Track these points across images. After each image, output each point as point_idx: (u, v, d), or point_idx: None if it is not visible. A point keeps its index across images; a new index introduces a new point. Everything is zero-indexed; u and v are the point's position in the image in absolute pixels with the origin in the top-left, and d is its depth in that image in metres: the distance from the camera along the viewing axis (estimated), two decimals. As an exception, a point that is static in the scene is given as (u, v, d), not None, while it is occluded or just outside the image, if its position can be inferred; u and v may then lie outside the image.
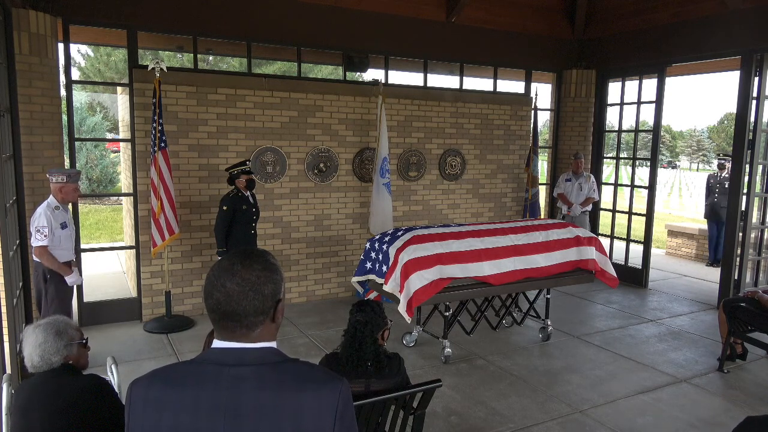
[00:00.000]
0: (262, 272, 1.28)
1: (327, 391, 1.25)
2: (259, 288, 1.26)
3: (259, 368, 1.25)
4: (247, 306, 1.25)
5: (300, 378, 1.26)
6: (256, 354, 1.27)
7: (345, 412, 1.25)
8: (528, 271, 5.11)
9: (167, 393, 1.25)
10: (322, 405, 1.23)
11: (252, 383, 1.23)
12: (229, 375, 1.24)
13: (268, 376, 1.24)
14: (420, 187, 7.43)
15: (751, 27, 6.27)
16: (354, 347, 2.76)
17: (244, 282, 1.26)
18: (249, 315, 1.26)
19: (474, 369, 4.89)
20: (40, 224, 4.29)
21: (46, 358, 2.25)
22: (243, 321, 1.26)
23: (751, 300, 4.87)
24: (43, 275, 4.41)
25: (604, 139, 8.50)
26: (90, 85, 20.86)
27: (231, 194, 5.41)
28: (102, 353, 4.45)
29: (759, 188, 6.72)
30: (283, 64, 16.72)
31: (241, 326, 1.27)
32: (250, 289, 1.26)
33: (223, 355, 1.27)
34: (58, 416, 2.13)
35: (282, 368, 1.27)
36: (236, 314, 1.26)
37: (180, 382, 1.26)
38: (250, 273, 1.27)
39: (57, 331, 2.29)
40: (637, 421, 4.03)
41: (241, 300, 1.25)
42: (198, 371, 1.27)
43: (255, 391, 1.22)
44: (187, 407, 1.23)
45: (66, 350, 2.29)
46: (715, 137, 74.30)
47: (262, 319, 1.28)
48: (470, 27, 7.52)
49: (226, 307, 1.26)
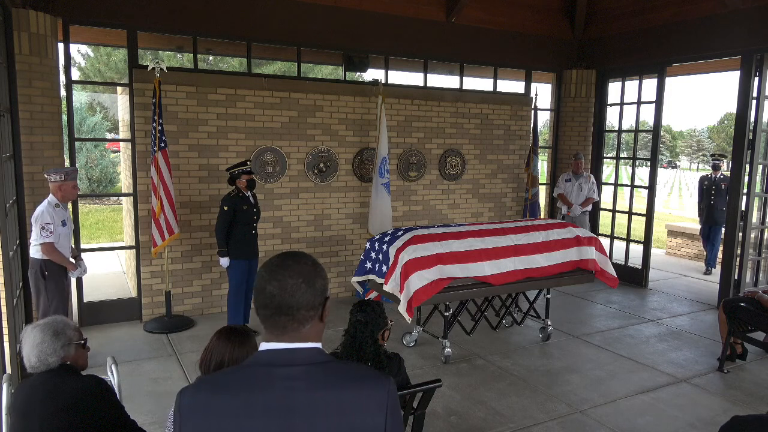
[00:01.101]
0: (312, 267, 1.32)
1: (377, 388, 1.26)
2: (311, 281, 1.29)
3: (309, 368, 1.26)
4: (301, 298, 1.27)
5: (350, 377, 1.28)
6: (305, 354, 1.28)
7: (395, 409, 1.27)
8: (528, 271, 5.11)
9: (217, 399, 1.24)
10: (374, 402, 1.25)
11: (304, 383, 1.23)
12: (280, 376, 1.24)
13: (318, 375, 1.25)
14: (420, 187, 7.43)
15: (751, 27, 6.28)
16: (354, 347, 2.77)
17: (297, 275, 1.28)
18: (302, 308, 1.27)
19: (474, 369, 4.89)
20: (45, 221, 4.35)
21: (43, 359, 2.24)
22: (296, 315, 1.27)
23: (751, 300, 4.87)
24: (42, 272, 4.44)
25: (604, 139, 8.50)
26: (90, 85, 20.86)
27: (231, 194, 5.40)
28: (102, 353, 4.45)
29: (759, 188, 6.72)
30: (283, 64, 16.72)
31: (294, 320, 1.28)
32: (303, 281, 1.28)
33: (273, 356, 1.27)
34: (57, 417, 2.12)
35: (331, 367, 1.28)
36: (290, 307, 1.27)
37: (230, 387, 1.26)
38: (303, 267, 1.30)
39: (55, 331, 2.28)
40: (637, 421, 4.03)
41: (295, 291, 1.27)
42: (247, 375, 1.26)
43: (308, 390, 1.23)
44: (240, 412, 1.22)
45: (63, 351, 2.27)
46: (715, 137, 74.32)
47: (313, 314, 1.30)
48: (470, 27, 7.52)
49: (280, 299, 1.27)
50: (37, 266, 4.46)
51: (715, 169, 8.56)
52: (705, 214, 8.61)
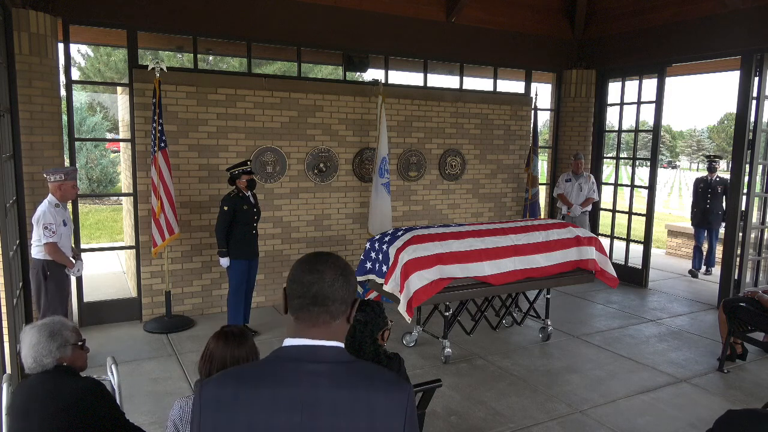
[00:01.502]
0: (345, 265, 1.35)
1: (397, 392, 1.27)
2: (348, 276, 1.33)
3: (333, 366, 1.27)
4: (337, 290, 1.29)
5: (372, 378, 1.29)
6: (330, 351, 1.29)
7: (412, 414, 1.28)
8: (528, 271, 5.11)
9: (241, 392, 1.25)
10: (393, 406, 1.25)
11: (327, 380, 1.25)
12: (306, 371, 1.25)
13: (342, 374, 1.26)
14: (420, 187, 7.42)
15: (751, 27, 6.28)
16: (353, 347, 2.77)
17: (336, 267, 1.31)
18: (337, 301, 1.29)
19: (474, 369, 4.89)
20: (47, 222, 4.37)
21: (38, 360, 2.22)
22: (330, 307, 1.29)
23: (751, 300, 4.87)
24: (43, 272, 4.45)
25: (604, 139, 8.50)
26: (90, 85, 20.86)
27: (232, 194, 5.40)
28: (102, 353, 4.45)
29: (759, 188, 6.72)
30: (283, 64, 16.72)
31: (327, 312, 1.29)
32: (341, 275, 1.31)
33: (299, 352, 1.29)
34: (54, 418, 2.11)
35: (354, 367, 1.30)
36: (326, 297, 1.28)
37: (254, 380, 1.26)
38: (340, 262, 1.34)
39: (51, 332, 2.26)
40: (637, 421, 4.03)
41: (333, 282, 1.29)
42: (272, 369, 1.28)
43: (331, 388, 1.24)
44: (265, 405, 1.23)
45: (59, 352, 2.25)
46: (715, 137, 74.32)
47: (344, 310, 1.32)
48: (470, 27, 7.52)
49: (317, 289, 1.28)
50: (39, 266, 4.47)
51: (711, 171, 8.28)
52: (699, 216, 8.35)
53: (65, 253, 4.55)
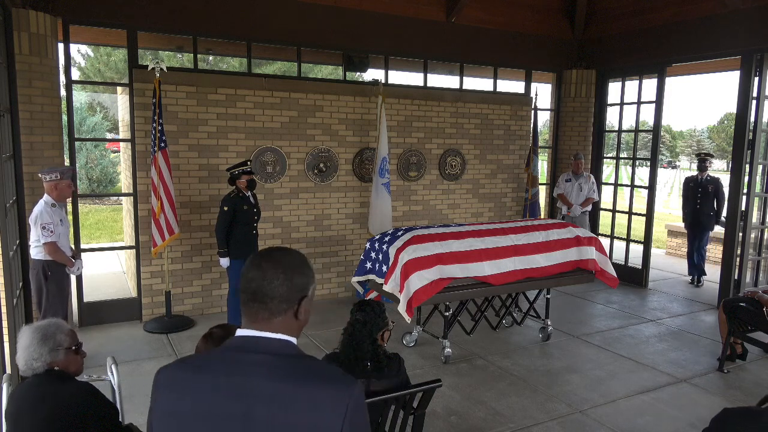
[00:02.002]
0: (298, 264, 1.34)
1: (338, 390, 1.25)
2: (290, 274, 1.31)
3: (276, 358, 1.28)
4: (276, 288, 1.30)
5: (313, 373, 1.28)
6: (274, 344, 1.30)
7: (355, 416, 1.25)
8: (528, 271, 5.11)
9: (189, 377, 1.29)
10: (332, 403, 1.24)
11: (269, 371, 1.26)
12: (247, 361, 1.27)
13: (283, 367, 1.27)
14: (420, 187, 7.42)
15: (751, 27, 6.28)
16: (352, 346, 2.77)
17: (278, 264, 1.31)
18: (275, 299, 1.30)
19: (474, 369, 4.89)
20: (45, 221, 4.37)
21: (29, 363, 2.19)
22: (268, 304, 1.30)
23: (751, 300, 4.87)
24: (44, 272, 4.45)
25: (604, 139, 8.50)
26: (90, 85, 20.86)
27: (232, 194, 5.40)
28: (102, 353, 4.46)
29: (759, 188, 6.72)
30: (283, 64, 16.72)
31: (265, 309, 1.31)
32: (282, 272, 1.31)
33: (244, 342, 1.31)
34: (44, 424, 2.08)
35: (298, 362, 1.30)
36: (264, 295, 1.30)
37: (202, 367, 1.30)
38: (287, 260, 1.33)
39: (43, 335, 2.22)
40: (637, 421, 4.03)
41: (272, 280, 1.30)
42: (219, 357, 1.31)
43: (270, 379, 1.25)
44: (206, 391, 1.26)
45: (50, 356, 2.21)
46: (715, 137, 74.29)
47: (285, 308, 1.31)
48: (470, 27, 7.52)
49: (257, 285, 1.30)
50: (39, 267, 4.46)
51: (702, 170, 7.77)
52: (690, 218, 7.88)
53: (64, 252, 4.55)
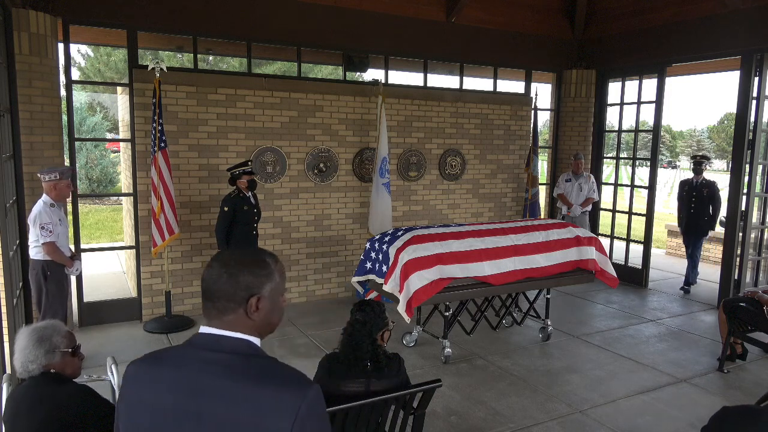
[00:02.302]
0: (246, 263, 1.34)
1: (290, 392, 1.23)
2: (235, 274, 1.31)
3: (230, 356, 1.28)
4: (221, 287, 1.31)
5: (266, 374, 1.26)
6: (230, 342, 1.30)
7: (307, 420, 1.22)
8: (528, 271, 5.11)
9: (150, 371, 1.32)
10: (281, 406, 1.21)
11: (220, 369, 1.26)
12: (198, 358, 1.29)
13: (236, 365, 1.27)
14: (420, 187, 7.42)
15: (751, 27, 6.28)
16: (351, 346, 2.77)
17: (225, 263, 1.33)
18: (221, 298, 1.32)
19: (474, 369, 4.89)
20: (44, 221, 4.37)
21: (24, 365, 2.18)
22: (215, 303, 1.32)
23: (751, 300, 4.87)
24: (43, 273, 4.45)
25: (604, 139, 8.50)
26: (90, 85, 20.86)
27: (232, 195, 5.39)
28: (102, 353, 4.46)
29: (759, 188, 6.72)
30: (283, 64, 16.72)
31: (213, 308, 1.33)
32: (226, 272, 1.32)
33: (201, 339, 1.33)
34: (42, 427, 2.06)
35: (252, 361, 1.29)
36: (211, 293, 1.33)
37: (162, 361, 1.33)
38: (234, 260, 1.34)
39: (39, 337, 2.19)
40: (637, 421, 4.03)
41: (216, 280, 1.32)
42: (179, 353, 1.33)
43: (221, 377, 1.25)
44: (164, 386, 1.29)
45: (46, 358, 2.19)
46: (715, 137, 74.27)
47: (233, 307, 1.32)
48: (470, 27, 7.52)
49: (205, 285, 1.34)
50: (39, 267, 4.46)
51: (697, 173, 7.44)
52: (685, 222, 7.55)
53: (63, 252, 4.55)
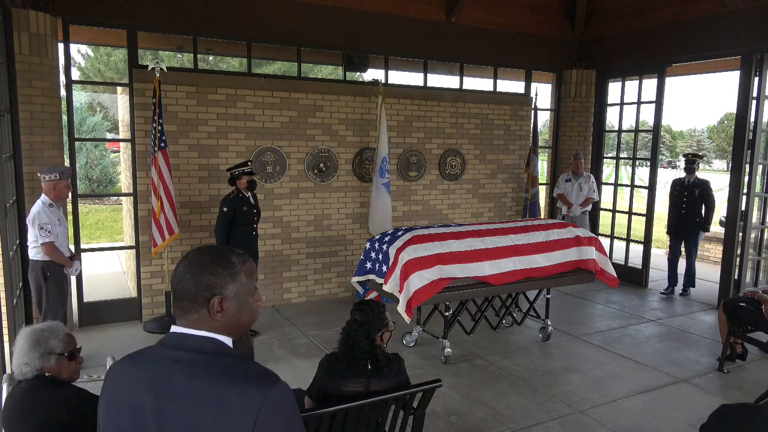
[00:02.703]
0: (208, 263, 1.33)
1: (252, 391, 1.21)
2: (196, 274, 1.32)
3: (196, 355, 1.29)
4: (184, 287, 1.32)
5: (230, 372, 1.26)
6: (196, 341, 1.31)
7: (271, 420, 1.20)
8: (528, 271, 5.11)
9: (125, 371, 1.35)
10: (244, 404, 1.20)
11: (185, 368, 1.26)
12: (166, 356, 1.30)
13: (201, 364, 1.27)
14: (420, 187, 7.42)
15: (751, 27, 6.28)
16: (348, 345, 2.77)
17: (188, 264, 1.34)
18: (184, 298, 1.33)
19: (474, 369, 4.89)
20: (43, 221, 4.37)
21: (19, 367, 2.16)
22: (180, 302, 1.34)
23: (751, 300, 4.86)
24: (43, 273, 4.45)
25: (604, 139, 8.50)
26: (90, 85, 20.87)
27: (231, 195, 5.38)
28: (102, 353, 4.46)
29: (759, 188, 6.72)
30: (283, 64, 16.72)
31: (179, 307, 1.34)
32: (188, 273, 1.33)
33: (171, 338, 1.34)
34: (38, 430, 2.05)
35: (217, 360, 1.29)
36: (176, 292, 1.34)
37: (137, 361, 1.35)
38: (197, 260, 1.34)
39: (35, 340, 2.17)
40: (637, 421, 4.03)
41: (180, 279, 1.33)
42: (151, 353, 1.35)
43: (186, 376, 1.25)
44: (132, 384, 1.31)
45: (41, 362, 2.16)
46: (715, 137, 74.23)
47: (196, 307, 1.32)
48: (470, 27, 7.51)
49: (173, 284, 1.35)
50: (39, 267, 4.46)
51: (689, 172, 7.17)
52: (674, 224, 7.29)
53: (62, 252, 4.55)
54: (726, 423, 1.87)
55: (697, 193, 7.10)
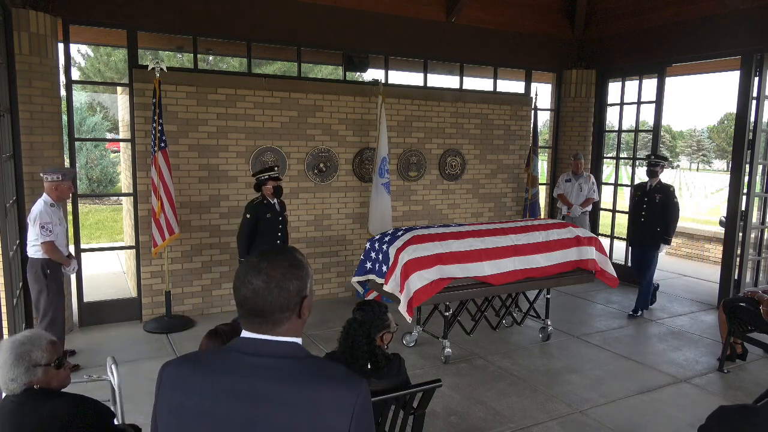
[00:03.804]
0: (288, 269, 1.30)
1: (345, 390, 1.25)
2: (284, 284, 1.28)
3: (279, 360, 1.27)
4: (273, 302, 1.28)
5: (319, 374, 1.27)
6: (279, 347, 1.29)
7: (363, 414, 1.25)
8: (528, 271, 5.11)
9: (193, 376, 1.29)
10: (339, 404, 1.23)
11: (271, 374, 1.25)
12: (248, 363, 1.27)
13: (288, 369, 1.26)
14: (420, 187, 7.42)
15: (751, 27, 6.28)
16: (346, 344, 2.77)
17: (269, 279, 1.28)
18: (275, 311, 1.29)
19: (474, 369, 4.89)
20: (44, 221, 4.38)
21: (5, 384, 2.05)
22: (269, 317, 1.29)
23: (751, 300, 4.86)
24: (43, 271, 4.46)
25: (604, 139, 8.50)
26: (90, 85, 20.87)
27: (255, 201, 5.15)
28: (102, 353, 4.46)
29: (759, 188, 6.72)
30: (283, 64, 16.72)
31: (267, 322, 1.29)
32: (275, 286, 1.28)
33: (247, 345, 1.30)
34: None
35: (303, 363, 1.29)
36: (262, 311, 1.28)
37: (206, 367, 1.31)
38: (276, 270, 1.29)
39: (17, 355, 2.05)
40: (637, 421, 4.03)
41: (266, 296, 1.27)
42: (223, 358, 1.31)
43: (273, 382, 1.24)
44: (208, 392, 1.27)
45: (26, 376, 2.05)
46: (715, 137, 74.27)
47: (288, 315, 1.30)
48: (470, 27, 7.52)
49: (252, 303, 1.28)
50: (38, 266, 4.47)
51: (651, 176, 6.32)
52: (632, 234, 6.61)
53: (61, 251, 4.57)
54: (724, 424, 1.87)
55: (657, 199, 6.26)
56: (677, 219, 6.32)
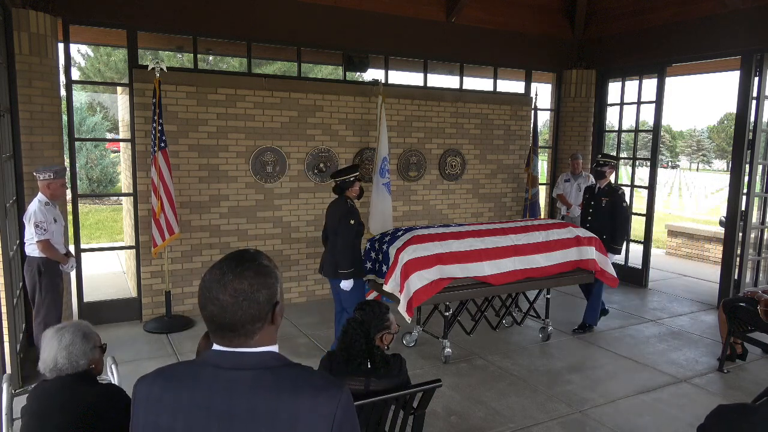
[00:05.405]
0: (254, 279, 1.23)
1: (325, 398, 1.21)
2: (253, 297, 1.22)
3: (256, 372, 1.23)
4: (243, 316, 1.22)
5: (297, 383, 1.23)
6: (254, 358, 1.25)
7: (344, 422, 1.21)
8: (528, 271, 5.11)
9: (167, 392, 1.25)
10: (319, 412, 1.20)
11: (248, 387, 1.21)
12: (225, 378, 1.23)
13: (265, 380, 1.22)
14: (420, 187, 7.42)
15: (751, 27, 6.28)
16: (345, 343, 2.77)
17: (236, 293, 1.22)
18: (246, 324, 1.23)
19: (474, 369, 4.89)
20: (38, 219, 4.38)
21: (73, 360, 2.20)
22: (240, 331, 1.23)
23: (751, 300, 4.86)
24: (38, 269, 4.46)
25: (604, 139, 8.50)
26: (90, 85, 20.88)
27: (349, 204, 4.60)
28: (102, 353, 4.43)
29: (759, 188, 6.72)
30: (283, 64, 16.73)
31: (238, 335, 1.24)
32: (243, 300, 1.22)
33: (221, 358, 1.25)
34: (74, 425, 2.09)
35: (280, 372, 1.24)
36: (233, 325, 1.23)
37: (179, 382, 1.26)
38: (242, 282, 1.22)
39: (84, 333, 2.26)
40: (637, 421, 4.03)
41: (236, 311, 1.22)
42: (197, 373, 1.26)
43: (250, 395, 1.21)
44: (183, 408, 1.23)
45: (92, 353, 2.27)
46: (715, 137, 74.28)
47: (261, 326, 1.25)
48: (470, 27, 7.52)
49: (221, 320, 1.23)
50: (35, 264, 4.48)
51: (599, 178, 5.87)
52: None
53: (58, 250, 4.57)
54: (723, 422, 1.87)
55: (604, 203, 5.79)
56: (625, 226, 5.90)
